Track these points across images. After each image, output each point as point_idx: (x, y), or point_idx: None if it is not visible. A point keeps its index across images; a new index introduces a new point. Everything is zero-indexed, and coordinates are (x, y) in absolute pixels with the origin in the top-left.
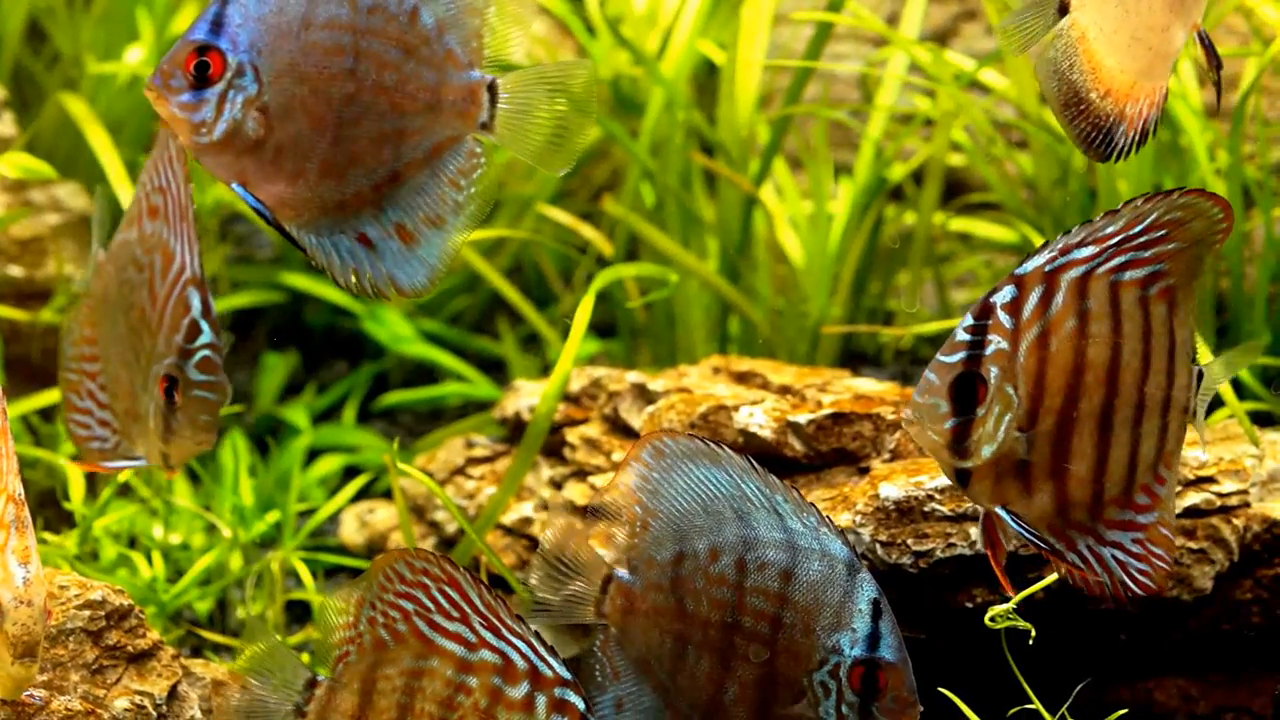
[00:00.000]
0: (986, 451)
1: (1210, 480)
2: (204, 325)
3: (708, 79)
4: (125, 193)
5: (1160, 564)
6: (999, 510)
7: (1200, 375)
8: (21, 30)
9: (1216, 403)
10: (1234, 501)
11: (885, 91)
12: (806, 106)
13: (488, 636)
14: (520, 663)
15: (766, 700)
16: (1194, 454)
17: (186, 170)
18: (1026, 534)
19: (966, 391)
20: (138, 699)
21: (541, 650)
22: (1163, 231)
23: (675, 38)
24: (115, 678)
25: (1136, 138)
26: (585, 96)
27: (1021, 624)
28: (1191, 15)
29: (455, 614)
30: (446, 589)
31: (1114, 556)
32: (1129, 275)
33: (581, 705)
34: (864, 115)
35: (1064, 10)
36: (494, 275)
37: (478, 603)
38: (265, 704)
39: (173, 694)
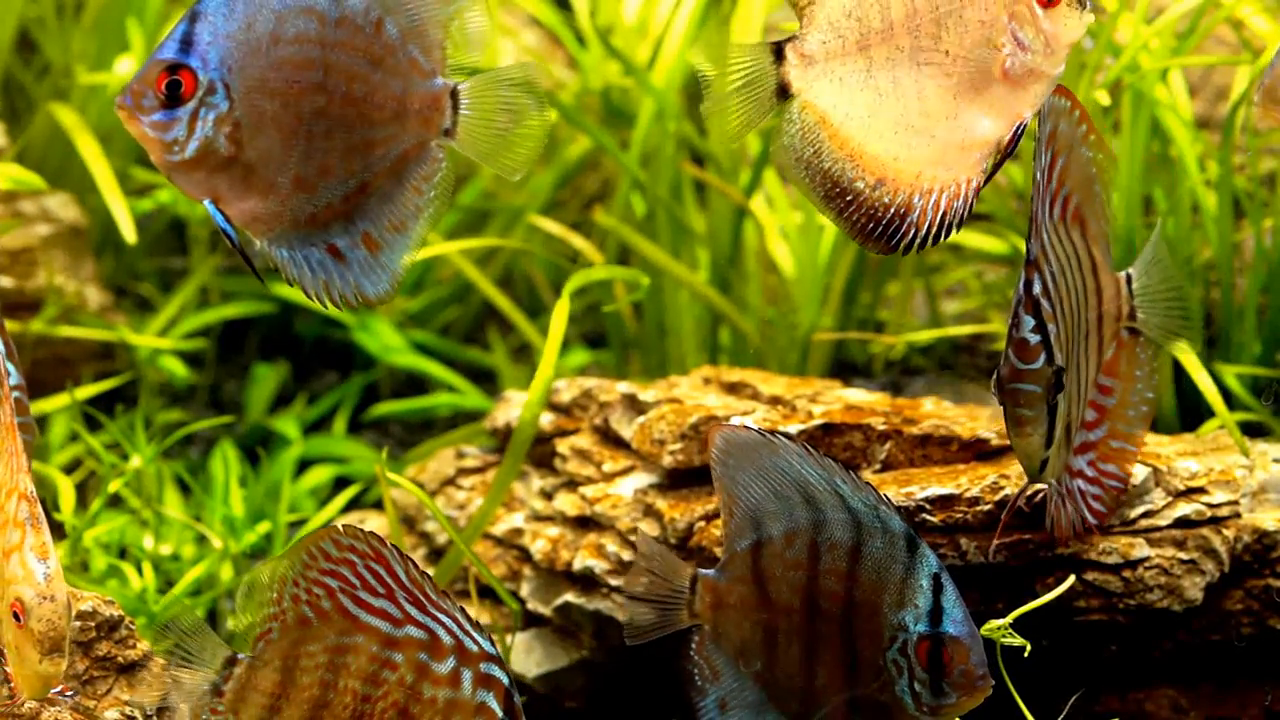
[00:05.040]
0: None
1: (1201, 491)
2: (10, 367)
3: (698, 89)
4: (116, 203)
5: (1111, 483)
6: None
7: (1129, 279)
8: (12, 40)
9: (1208, 412)
10: (1224, 512)
11: None
12: None
13: (413, 612)
14: (446, 638)
15: (852, 683)
16: (1185, 464)
17: None
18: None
19: None
20: (128, 710)
21: (467, 626)
22: (1051, 152)
23: (666, 48)
24: (105, 688)
25: (933, 231)
26: (545, 102)
27: (1018, 640)
28: (1010, 107)
29: (381, 590)
30: (373, 565)
31: (1080, 489)
32: (1055, 214)
33: (506, 680)
34: None
35: (785, 93)
36: (486, 285)
37: (404, 579)
38: (182, 683)
39: (163, 705)
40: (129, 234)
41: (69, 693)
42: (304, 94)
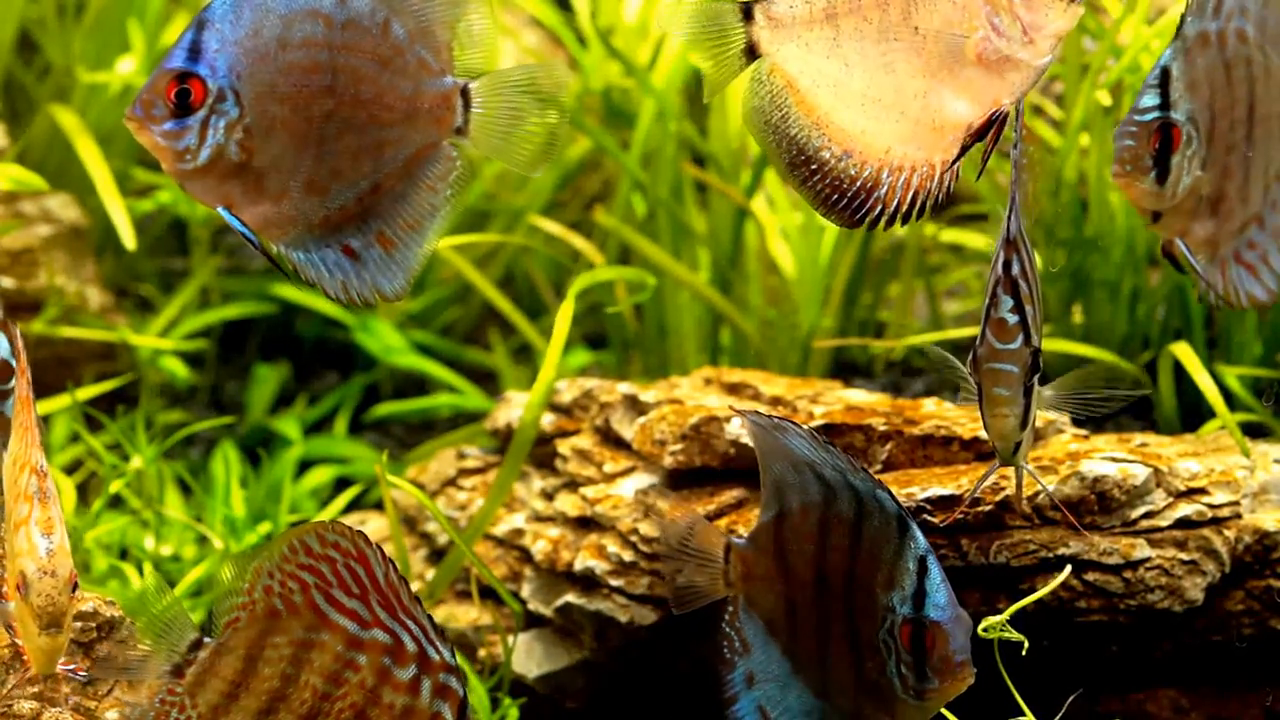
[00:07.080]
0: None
1: (1202, 491)
2: (15, 365)
3: (699, 90)
4: (116, 210)
5: None
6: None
7: None
8: (12, 41)
9: (1208, 413)
10: (1225, 513)
11: None
12: None
13: (382, 616)
14: (410, 645)
15: (858, 659)
16: (1186, 465)
17: None
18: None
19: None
20: (129, 711)
21: (433, 635)
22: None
23: (666, 49)
24: (106, 689)
25: (902, 209)
26: (557, 98)
27: (1014, 635)
28: (986, 93)
29: (355, 590)
30: (353, 564)
31: None
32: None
33: (463, 693)
34: None
35: (753, 54)
36: (486, 285)
37: (380, 581)
38: (144, 661)
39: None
40: (129, 241)
41: (80, 673)
42: (313, 97)
